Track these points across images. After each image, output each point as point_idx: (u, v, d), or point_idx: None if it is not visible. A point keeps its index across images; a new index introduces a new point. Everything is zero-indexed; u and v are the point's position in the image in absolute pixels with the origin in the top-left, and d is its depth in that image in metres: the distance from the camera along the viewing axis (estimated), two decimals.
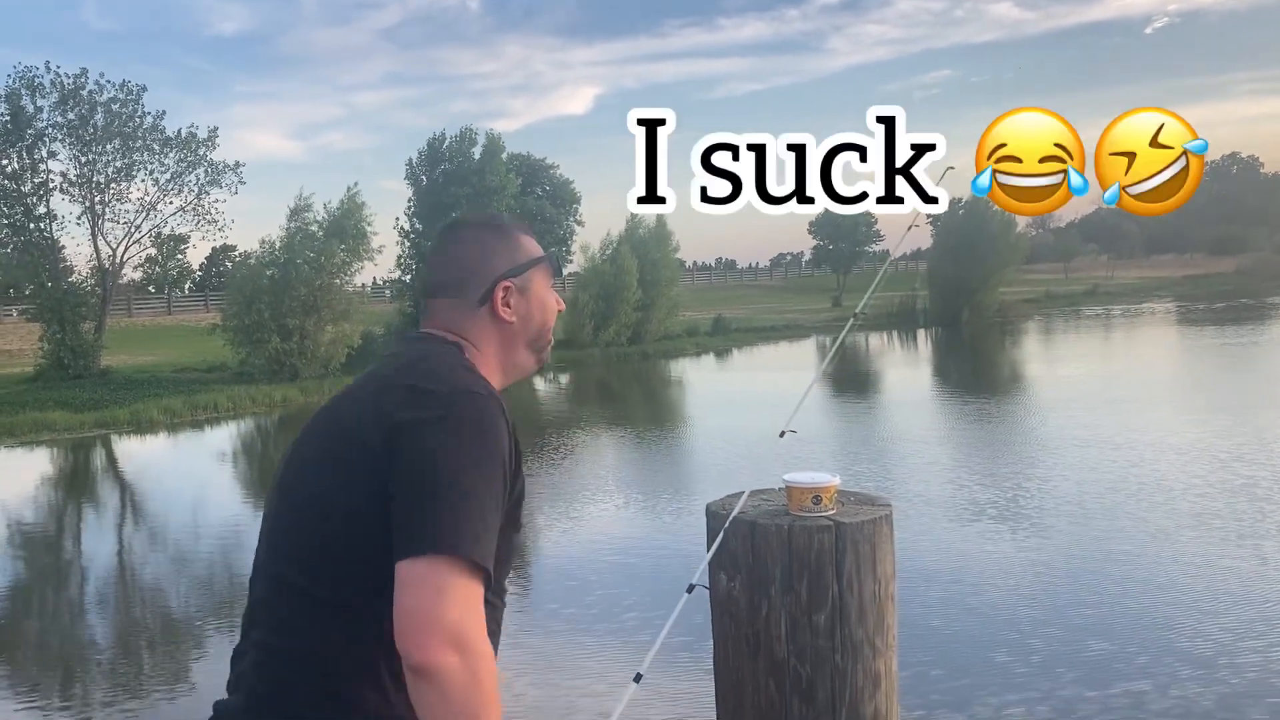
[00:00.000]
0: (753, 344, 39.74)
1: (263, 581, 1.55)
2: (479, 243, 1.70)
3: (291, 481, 1.54)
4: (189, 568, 10.62)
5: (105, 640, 8.52)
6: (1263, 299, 52.27)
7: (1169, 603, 7.46)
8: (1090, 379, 22.83)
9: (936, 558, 8.75)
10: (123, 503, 14.89)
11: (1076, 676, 6.21)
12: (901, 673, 1.99)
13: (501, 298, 1.67)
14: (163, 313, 50.81)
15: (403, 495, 1.36)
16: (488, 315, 1.66)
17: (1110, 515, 10.00)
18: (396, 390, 1.47)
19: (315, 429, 1.57)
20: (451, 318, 1.66)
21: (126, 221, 32.44)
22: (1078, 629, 7.02)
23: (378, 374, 1.57)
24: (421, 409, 1.41)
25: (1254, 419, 15.34)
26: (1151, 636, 6.81)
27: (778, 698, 1.84)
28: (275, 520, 1.55)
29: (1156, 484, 11.16)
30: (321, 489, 1.46)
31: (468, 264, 1.68)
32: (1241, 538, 8.95)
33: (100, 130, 30.70)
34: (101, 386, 27.11)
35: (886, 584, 1.87)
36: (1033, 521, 9.96)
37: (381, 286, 49.35)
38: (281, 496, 1.55)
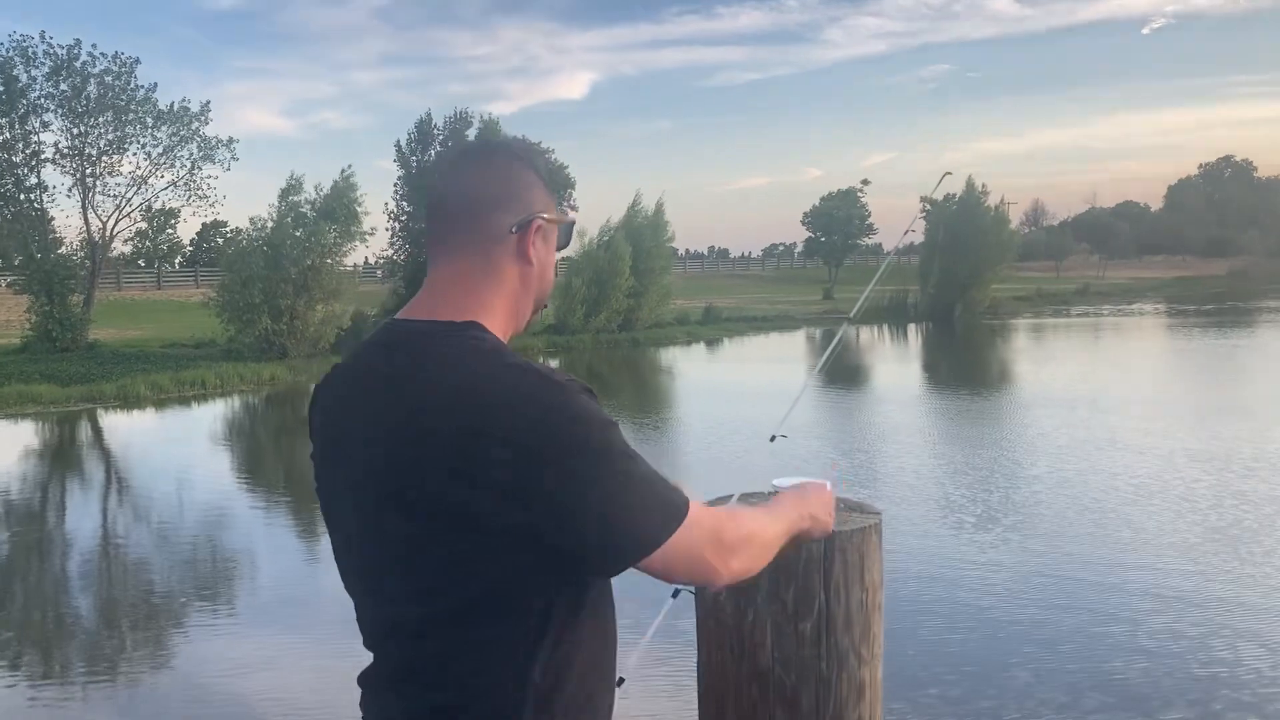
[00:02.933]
0: (743, 334, 39.75)
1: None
2: (512, 170, 1.54)
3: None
4: (172, 544, 10.58)
5: (88, 616, 8.49)
6: (1252, 303, 52.46)
7: (1149, 601, 7.49)
8: (1078, 380, 22.88)
9: (919, 556, 8.76)
10: (107, 478, 14.83)
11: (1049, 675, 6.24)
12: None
13: (536, 230, 1.52)
14: (152, 287, 50.59)
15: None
16: (514, 248, 1.51)
17: (1083, 514, 10.03)
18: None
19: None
20: (472, 254, 1.50)
21: (117, 195, 32.31)
22: (1062, 629, 7.05)
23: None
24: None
25: (1233, 425, 15.39)
26: (1132, 635, 6.84)
27: (761, 705, 1.82)
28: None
29: (1133, 483, 11.21)
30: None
31: (514, 184, 1.52)
32: (1226, 540, 8.99)
33: (93, 102, 30.51)
34: (89, 360, 26.99)
35: (874, 593, 1.86)
36: (1013, 521, 9.97)
37: (373, 266, 49.22)
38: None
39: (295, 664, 6.96)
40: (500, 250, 1.51)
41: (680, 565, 1.43)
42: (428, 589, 1.37)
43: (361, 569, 1.48)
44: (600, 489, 1.33)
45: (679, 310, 42.60)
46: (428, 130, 36.69)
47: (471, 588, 1.35)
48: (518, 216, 1.51)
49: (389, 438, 1.37)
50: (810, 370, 23.70)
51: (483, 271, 1.50)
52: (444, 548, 1.34)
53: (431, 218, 1.55)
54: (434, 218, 1.54)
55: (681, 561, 1.42)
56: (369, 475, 1.41)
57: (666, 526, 1.38)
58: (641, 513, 1.37)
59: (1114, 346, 32.76)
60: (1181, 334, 35.39)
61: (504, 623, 1.37)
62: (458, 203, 1.51)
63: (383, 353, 1.47)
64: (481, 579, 1.35)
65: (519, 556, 1.33)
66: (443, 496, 1.32)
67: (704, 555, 1.44)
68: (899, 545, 8.91)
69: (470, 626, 1.37)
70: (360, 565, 1.48)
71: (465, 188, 1.52)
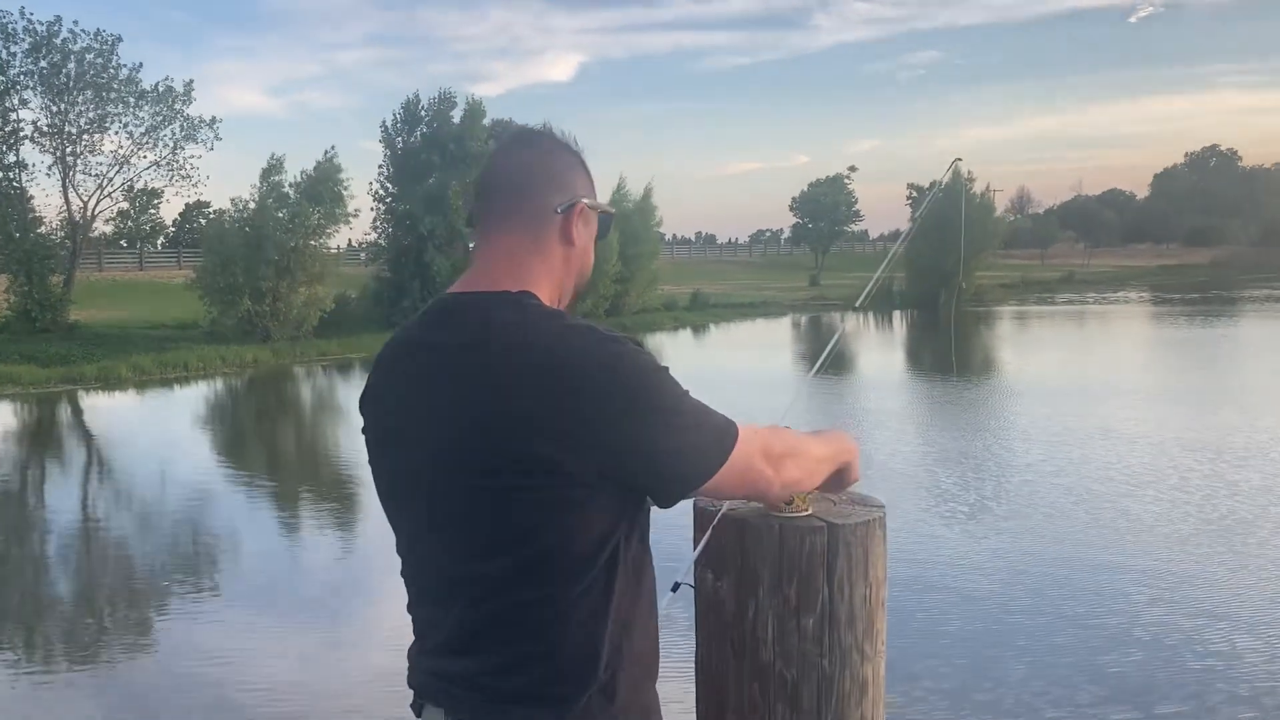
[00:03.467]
0: (730, 320, 39.77)
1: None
2: (560, 156, 1.64)
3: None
4: (154, 526, 10.50)
5: (68, 597, 8.41)
6: (1236, 292, 52.78)
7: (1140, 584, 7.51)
8: (1067, 369, 22.95)
9: (912, 545, 8.76)
10: (88, 461, 14.71)
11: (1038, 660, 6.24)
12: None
13: (579, 212, 1.61)
14: (134, 268, 50.12)
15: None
16: (559, 229, 1.60)
17: (1078, 504, 10.06)
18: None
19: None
20: (518, 230, 1.58)
21: (98, 174, 32.03)
22: (1056, 616, 7.06)
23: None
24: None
25: (1224, 415, 15.47)
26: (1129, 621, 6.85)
27: (761, 702, 1.77)
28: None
29: (1127, 473, 11.26)
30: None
31: (560, 167, 1.62)
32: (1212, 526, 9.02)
33: (73, 80, 30.18)
34: (69, 341, 26.79)
35: (878, 588, 1.80)
36: (1007, 510, 10.00)
37: (357, 249, 48.94)
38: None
39: (277, 646, 6.91)
40: (548, 229, 1.59)
41: (733, 481, 1.54)
42: (508, 544, 1.45)
43: (432, 537, 1.54)
44: (665, 426, 1.44)
45: (666, 296, 42.58)
46: (414, 111, 36.40)
47: (549, 540, 1.44)
48: (564, 197, 1.60)
49: (463, 404, 1.45)
50: (804, 357, 23.67)
51: (530, 248, 1.58)
52: (523, 503, 1.43)
53: (481, 196, 1.63)
54: (484, 196, 1.62)
55: (735, 477, 1.53)
56: (445, 443, 1.47)
57: (723, 450, 1.51)
58: (701, 442, 1.49)
59: (1100, 335, 32.91)
60: (1167, 323, 35.55)
61: (579, 573, 1.46)
62: (508, 181, 1.61)
63: (444, 323, 1.55)
64: (559, 531, 1.44)
65: (595, 502, 1.44)
66: (521, 453, 1.40)
67: (756, 466, 1.56)
68: (892, 534, 8.88)
69: (548, 579, 1.45)
70: (431, 534, 1.54)
71: (515, 168, 1.61)
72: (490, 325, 1.47)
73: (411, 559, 1.61)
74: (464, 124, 35.82)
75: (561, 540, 1.44)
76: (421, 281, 33.38)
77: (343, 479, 13.16)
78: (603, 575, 1.48)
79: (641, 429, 1.42)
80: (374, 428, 1.64)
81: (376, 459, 1.64)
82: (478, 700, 1.49)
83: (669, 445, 1.45)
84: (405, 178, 35.16)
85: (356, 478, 13.09)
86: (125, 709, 6.12)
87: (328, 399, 22.27)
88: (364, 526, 10.47)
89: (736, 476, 1.53)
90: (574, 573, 1.46)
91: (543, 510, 1.43)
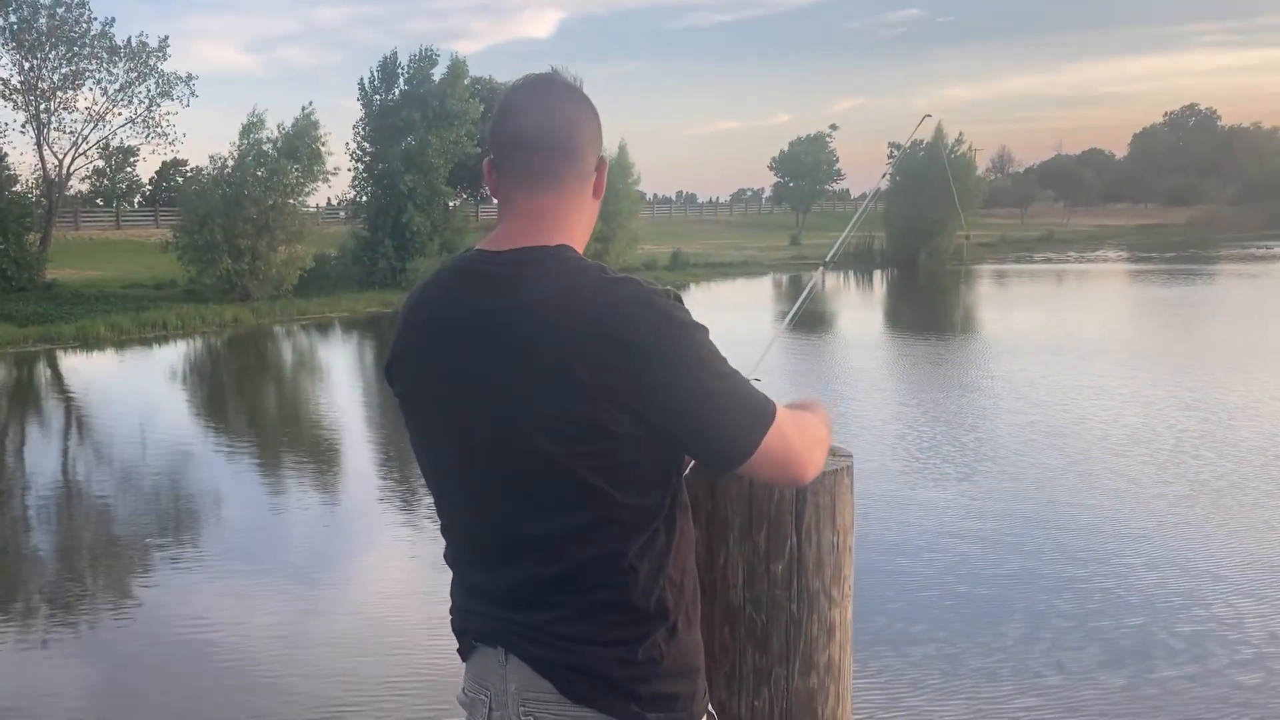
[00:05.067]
0: (710, 280, 39.75)
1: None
2: (582, 111, 1.61)
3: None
4: (134, 485, 10.50)
5: (49, 557, 8.43)
6: (1212, 251, 53.07)
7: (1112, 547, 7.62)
8: (1049, 327, 23.07)
9: (904, 507, 8.81)
10: (67, 420, 14.66)
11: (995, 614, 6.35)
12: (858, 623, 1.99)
13: (603, 173, 1.65)
14: (111, 227, 49.54)
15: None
16: (593, 183, 1.63)
17: (1074, 464, 10.16)
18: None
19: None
20: (552, 187, 1.56)
21: (73, 132, 31.63)
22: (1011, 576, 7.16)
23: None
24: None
25: (1213, 373, 15.62)
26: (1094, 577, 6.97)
27: (732, 644, 1.83)
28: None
29: (1124, 433, 11.38)
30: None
31: (591, 123, 1.61)
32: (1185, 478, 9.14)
33: (44, 35, 29.69)
34: (46, 300, 26.58)
35: (845, 535, 1.86)
36: (1002, 470, 10.09)
37: (336, 207, 48.57)
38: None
39: (257, 606, 6.96)
40: (586, 187, 1.61)
41: (769, 466, 1.54)
42: (569, 504, 1.48)
43: (487, 497, 1.55)
44: (710, 387, 1.45)
45: (646, 256, 42.46)
46: (392, 69, 35.97)
47: (609, 498, 1.47)
48: (598, 152, 1.62)
49: (513, 365, 1.46)
50: (784, 316, 23.69)
51: (570, 205, 1.58)
52: (579, 463, 1.45)
53: (517, 150, 1.57)
54: (520, 149, 1.56)
55: (772, 461, 1.53)
56: (496, 405, 1.48)
57: (763, 421, 1.51)
58: (746, 406, 1.50)
59: (1083, 294, 33.08)
60: (1148, 281, 35.69)
61: (641, 527, 1.51)
62: (551, 138, 1.56)
63: (477, 285, 1.53)
64: (618, 487, 1.47)
65: (649, 458, 1.47)
66: (574, 412, 1.42)
67: (794, 447, 1.56)
68: (885, 495, 8.90)
69: (613, 536, 1.49)
70: (485, 494, 1.55)
71: (553, 121, 1.56)
72: (530, 284, 1.47)
73: (460, 518, 1.63)
74: (444, 83, 35.46)
75: (621, 497, 1.47)
76: (399, 241, 33.19)
77: (326, 437, 13.18)
78: (663, 527, 1.53)
79: (684, 389, 1.43)
80: (414, 391, 1.61)
81: (415, 420, 1.62)
82: (545, 641, 1.54)
83: (712, 407, 1.46)
84: (383, 136, 34.82)
85: (340, 436, 13.11)
86: (105, 667, 6.18)
87: (309, 358, 22.22)
88: (347, 485, 10.52)
89: (770, 461, 1.53)
90: (636, 527, 1.50)
91: (601, 471, 1.45)
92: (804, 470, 1.60)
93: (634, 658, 1.52)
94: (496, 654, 1.58)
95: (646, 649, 1.53)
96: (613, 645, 1.52)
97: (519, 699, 1.55)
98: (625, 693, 1.53)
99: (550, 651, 1.53)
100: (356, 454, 11.94)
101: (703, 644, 1.66)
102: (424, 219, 33.69)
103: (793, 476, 1.60)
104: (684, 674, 1.58)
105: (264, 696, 5.65)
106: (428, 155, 33.70)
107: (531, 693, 1.55)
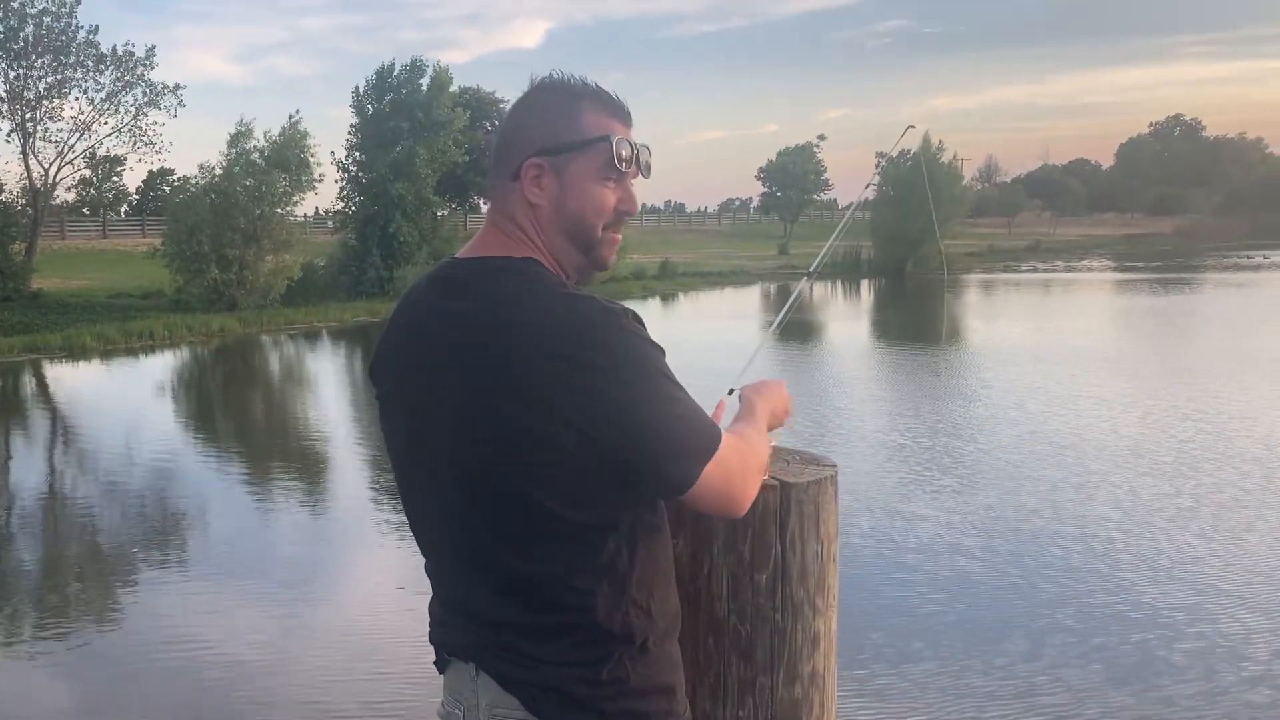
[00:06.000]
0: (699, 289, 39.78)
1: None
2: (529, 109, 1.56)
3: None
4: (120, 496, 10.44)
5: (33, 568, 8.37)
6: (1198, 260, 53.33)
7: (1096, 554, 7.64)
8: (1042, 336, 23.13)
9: (901, 522, 8.79)
10: (53, 430, 14.58)
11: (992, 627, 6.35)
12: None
13: (532, 176, 1.53)
14: (98, 236, 49.36)
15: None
16: (519, 196, 1.54)
17: (1078, 477, 10.16)
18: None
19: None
20: (500, 201, 1.57)
21: (59, 141, 31.53)
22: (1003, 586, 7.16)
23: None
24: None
25: (1210, 384, 15.67)
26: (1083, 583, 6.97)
27: (716, 654, 1.83)
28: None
29: (1126, 445, 11.40)
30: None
31: (509, 132, 1.56)
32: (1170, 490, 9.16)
33: (30, 44, 29.60)
34: (32, 310, 26.46)
35: (829, 545, 1.86)
36: (1001, 485, 10.06)
37: (324, 217, 48.45)
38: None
39: (244, 616, 6.93)
40: (511, 198, 1.56)
41: (707, 498, 1.50)
42: (523, 517, 1.46)
43: (448, 507, 1.53)
44: (653, 409, 1.42)
45: (635, 265, 42.47)
46: (386, 78, 35.93)
47: (564, 513, 1.45)
48: (512, 165, 1.54)
49: (464, 374, 1.45)
50: (769, 325, 23.76)
51: (504, 217, 1.57)
52: (531, 478, 1.43)
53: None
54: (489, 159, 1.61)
55: (710, 494, 1.50)
56: (451, 413, 1.47)
57: (708, 446, 1.48)
58: (691, 432, 1.46)
59: (1073, 303, 33.17)
60: (1139, 291, 35.72)
61: (598, 544, 1.48)
62: (494, 143, 1.59)
63: (444, 290, 1.53)
64: (570, 503, 1.45)
65: (601, 475, 1.43)
66: (521, 426, 1.40)
67: (733, 488, 1.53)
68: (883, 507, 8.85)
69: (569, 551, 1.47)
70: (447, 503, 1.53)
71: (500, 129, 1.59)
72: (488, 294, 1.46)
73: (426, 525, 1.62)
74: (430, 93, 35.44)
75: (567, 514, 1.45)
76: (387, 250, 33.12)
77: (314, 448, 13.13)
78: (625, 544, 1.50)
79: (631, 404, 1.40)
80: (385, 392, 1.63)
81: (387, 423, 1.63)
82: (511, 659, 1.52)
83: (661, 429, 1.42)
84: (372, 145, 34.77)
85: (327, 447, 13.07)
86: (94, 676, 6.14)
87: (295, 368, 22.15)
88: (333, 496, 10.49)
89: (716, 487, 1.50)
90: (586, 545, 1.48)
91: (546, 484, 1.43)
92: (739, 506, 1.57)
93: (598, 677, 1.50)
94: (468, 669, 1.58)
95: (611, 669, 1.51)
96: (576, 665, 1.51)
97: (490, 713, 1.55)
98: (593, 710, 1.51)
99: (516, 668, 1.53)
100: (344, 464, 11.90)
101: (681, 661, 1.64)
102: (412, 228, 33.65)
103: (728, 512, 1.58)
104: (656, 692, 1.56)
105: (250, 705, 5.61)
106: (415, 165, 33.67)
107: (501, 709, 1.54)
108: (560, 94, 1.55)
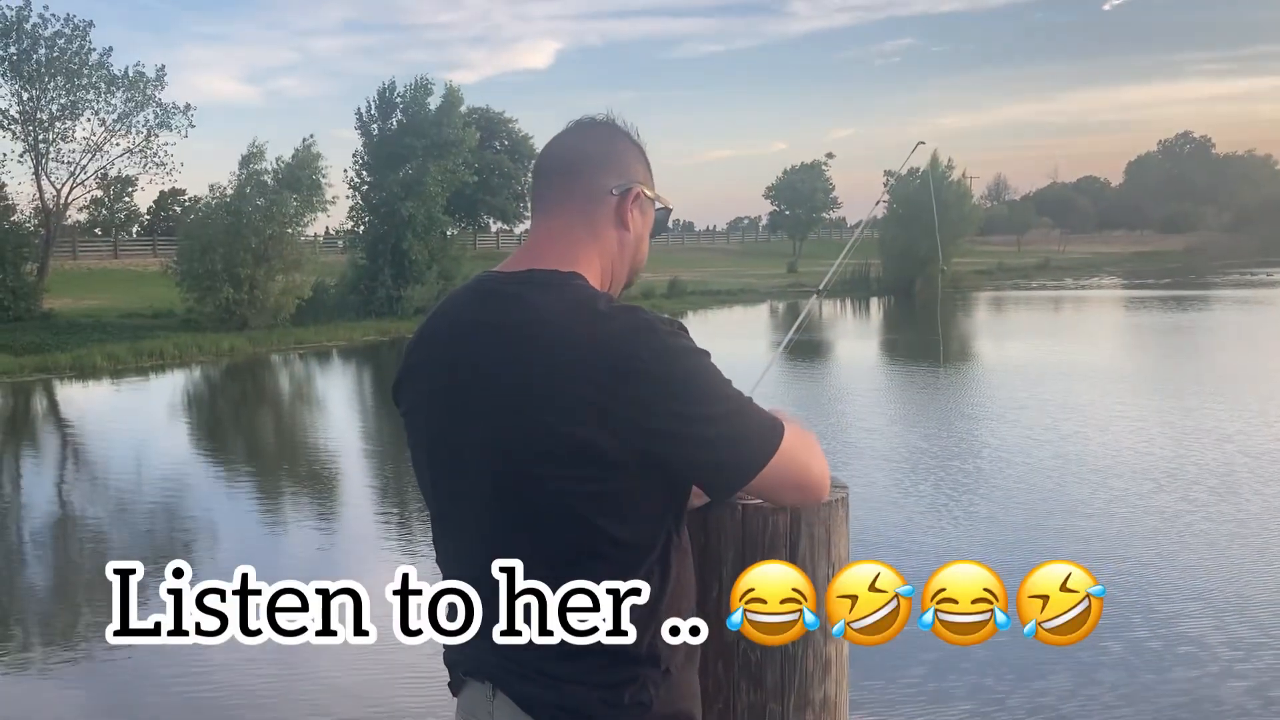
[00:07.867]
0: (708, 307, 39.79)
1: None
2: (620, 141, 1.65)
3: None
4: (130, 516, 10.45)
5: (43, 587, 8.37)
6: (1209, 278, 53.16)
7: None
8: (1059, 354, 23.01)
9: (911, 541, 8.72)
10: (63, 450, 14.60)
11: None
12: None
13: (635, 198, 1.62)
14: (109, 256, 49.60)
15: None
16: (613, 211, 1.60)
17: (1112, 503, 10.10)
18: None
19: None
20: (579, 210, 1.59)
21: (71, 162, 31.69)
22: None
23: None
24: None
25: (1229, 403, 15.59)
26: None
27: (725, 680, 1.80)
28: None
29: (1147, 463, 11.33)
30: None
31: (616, 150, 1.63)
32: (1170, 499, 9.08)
33: (43, 66, 29.82)
34: (43, 330, 26.56)
35: (840, 568, 1.83)
36: (1025, 501, 10.00)
37: (334, 237, 48.65)
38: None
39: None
40: (601, 211, 1.60)
41: (781, 478, 1.52)
42: (559, 534, 1.45)
43: (480, 523, 1.52)
44: (710, 414, 1.44)
45: (644, 283, 42.52)
46: (389, 99, 36.09)
47: (601, 529, 1.44)
48: (619, 180, 1.60)
49: (508, 388, 1.45)
50: (779, 343, 23.74)
51: (583, 229, 1.59)
52: (571, 492, 1.43)
53: (537, 178, 1.64)
54: (540, 178, 1.64)
55: (783, 474, 1.52)
56: (492, 428, 1.46)
57: (769, 443, 1.49)
58: (747, 433, 1.48)
59: (1086, 321, 33.07)
60: (1151, 309, 35.55)
61: (635, 563, 1.47)
62: (563, 163, 1.62)
63: (488, 303, 1.53)
64: (610, 520, 1.44)
65: (644, 491, 1.44)
66: (566, 439, 1.40)
67: (807, 471, 1.56)
68: (896, 532, 8.70)
69: (604, 569, 1.46)
70: (478, 519, 1.53)
71: (568, 149, 1.63)
72: (536, 306, 1.47)
73: (452, 543, 1.60)
74: (441, 112, 35.58)
75: (608, 529, 1.44)
76: (397, 269, 33.20)
77: (322, 468, 13.13)
78: (658, 565, 1.50)
79: (685, 415, 1.41)
80: (416, 407, 1.61)
81: (417, 439, 1.62)
82: (532, 677, 1.51)
83: (714, 433, 1.44)
84: (381, 165, 34.89)
85: (337, 467, 13.07)
86: (101, 693, 6.12)
87: (306, 388, 22.18)
88: (343, 517, 10.47)
89: (785, 474, 1.52)
90: (629, 564, 1.47)
91: (591, 499, 1.43)
92: (818, 487, 1.59)
93: (620, 700, 1.49)
94: (484, 689, 1.56)
95: (634, 693, 1.49)
96: (600, 688, 1.49)
97: None
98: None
99: (537, 688, 1.50)
100: (354, 485, 11.89)
101: (699, 691, 1.63)
102: (422, 247, 33.72)
103: (806, 496, 1.60)
104: (677, 718, 1.55)
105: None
106: (426, 183, 33.77)
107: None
108: (641, 148, 1.67)
